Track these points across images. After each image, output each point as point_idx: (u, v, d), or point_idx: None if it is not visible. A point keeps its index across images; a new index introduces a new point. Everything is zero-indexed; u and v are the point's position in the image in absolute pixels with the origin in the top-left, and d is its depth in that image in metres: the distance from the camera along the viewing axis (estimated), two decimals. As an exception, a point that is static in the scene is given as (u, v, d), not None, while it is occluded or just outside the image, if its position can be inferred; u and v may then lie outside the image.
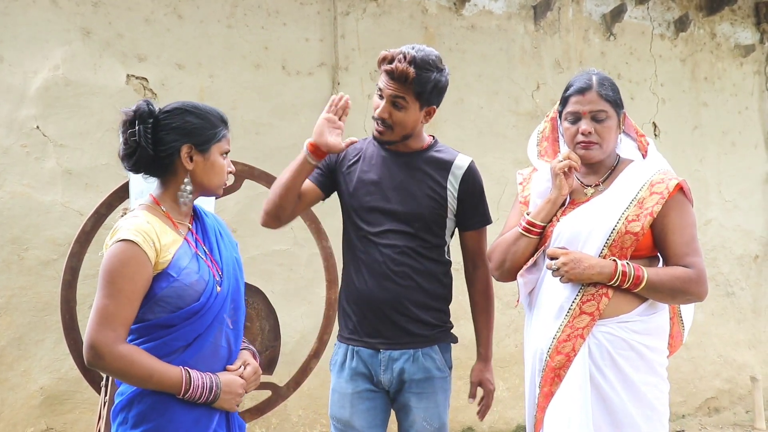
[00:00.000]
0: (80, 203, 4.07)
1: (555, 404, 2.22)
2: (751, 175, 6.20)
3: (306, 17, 4.70)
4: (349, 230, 2.55)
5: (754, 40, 6.25)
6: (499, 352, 5.15)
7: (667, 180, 2.26)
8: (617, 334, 2.19)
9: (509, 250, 2.40)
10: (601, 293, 2.21)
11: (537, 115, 5.36)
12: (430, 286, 2.49)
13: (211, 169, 2.03)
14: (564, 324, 2.23)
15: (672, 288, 2.18)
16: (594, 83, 2.31)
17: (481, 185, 2.58)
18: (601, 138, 2.30)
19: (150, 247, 1.87)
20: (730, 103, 6.15)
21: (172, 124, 1.98)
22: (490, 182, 5.11)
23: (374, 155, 2.54)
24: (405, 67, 2.34)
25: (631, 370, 2.18)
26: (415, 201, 2.45)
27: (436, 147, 2.56)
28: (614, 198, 2.28)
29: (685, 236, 2.22)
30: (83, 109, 4.14)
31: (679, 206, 2.24)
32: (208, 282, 1.97)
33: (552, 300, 2.30)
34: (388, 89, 2.38)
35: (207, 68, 4.43)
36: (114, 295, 1.82)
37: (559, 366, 2.22)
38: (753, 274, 6.16)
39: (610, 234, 2.22)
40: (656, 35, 5.85)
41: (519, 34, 5.35)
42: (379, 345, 2.45)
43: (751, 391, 5.80)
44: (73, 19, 4.14)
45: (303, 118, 4.62)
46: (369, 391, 2.48)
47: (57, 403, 4.03)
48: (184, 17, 4.38)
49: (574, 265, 2.20)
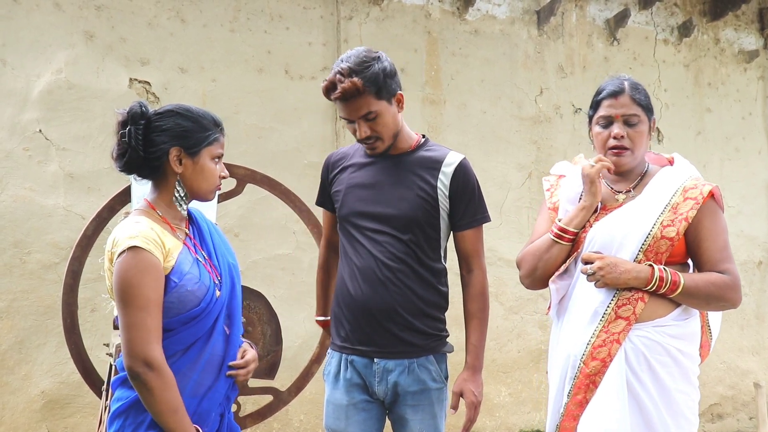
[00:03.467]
0: (82, 207, 4.07)
1: (591, 412, 2.18)
2: (754, 181, 6.17)
3: (309, 21, 4.70)
4: (342, 237, 2.51)
5: (758, 45, 6.24)
6: (502, 358, 5.14)
7: (700, 186, 2.25)
8: (653, 338, 2.17)
9: (541, 257, 2.35)
10: (637, 297, 2.19)
11: (540, 119, 5.36)
12: (425, 293, 2.42)
13: (200, 174, 2.01)
14: (599, 329, 2.21)
15: (708, 294, 2.17)
16: (627, 87, 2.30)
17: (474, 183, 2.46)
18: (633, 143, 2.28)
19: (159, 252, 1.86)
20: (734, 109, 6.13)
21: (162, 126, 1.97)
22: (492, 187, 5.14)
23: (362, 160, 2.50)
24: (349, 83, 2.26)
25: (666, 376, 2.16)
26: (406, 203, 2.39)
27: (426, 146, 2.49)
28: (648, 203, 2.26)
29: (719, 242, 2.22)
30: (86, 112, 4.13)
31: (712, 213, 2.23)
32: (208, 287, 1.96)
33: (585, 305, 2.27)
34: (353, 112, 2.32)
35: (209, 72, 4.43)
36: (145, 307, 1.81)
37: (594, 372, 2.19)
38: (757, 280, 6.14)
39: (646, 238, 2.20)
40: (660, 40, 5.84)
41: (522, 39, 5.35)
42: (372, 353, 2.39)
43: (754, 398, 5.76)
44: (76, 22, 4.14)
45: (305, 123, 4.61)
46: (365, 402, 2.43)
47: (58, 407, 4.02)
48: (187, 21, 4.38)
49: (611, 270, 2.17)
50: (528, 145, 5.33)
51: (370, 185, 2.43)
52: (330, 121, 4.67)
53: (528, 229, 5.24)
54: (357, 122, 2.34)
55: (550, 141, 5.36)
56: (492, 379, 5.09)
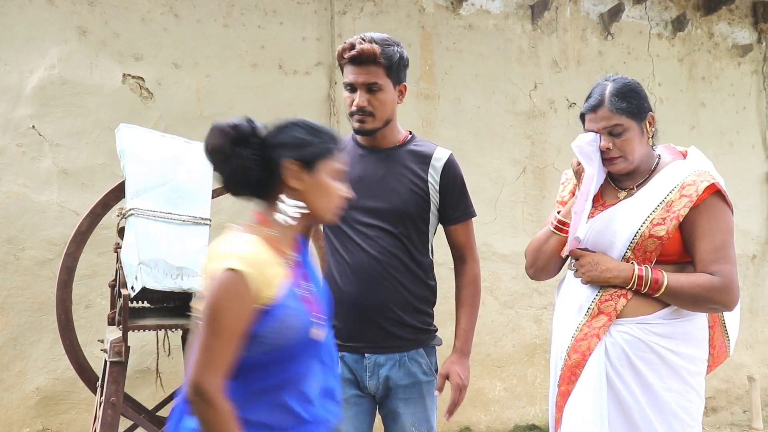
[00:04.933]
0: (76, 203, 4.06)
1: (570, 404, 2.21)
2: (748, 176, 6.19)
3: (303, 16, 4.69)
4: (328, 232, 2.50)
5: (751, 39, 6.25)
6: (497, 352, 5.15)
7: (698, 182, 2.18)
8: (634, 334, 2.16)
9: (540, 248, 2.40)
10: (619, 294, 2.20)
11: (534, 114, 5.36)
12: (415, 288, 2.45)
13: (319, 190, 1.82)
14: (582, 323, 2.23)
15: (693, 295, 2.13)
16: (606, 98, 2.24)
17: (462, 178, 2.50)
18: (623, 150, 2.24)
19: (258, 281, 1.69)
20: (728, 103, 6.14)
21: (278, 140, 1.83)
22: (487, 182, 5.15)
23: (351, 153, 2.46)
24: (369, 46, 2.31)
25: (650, 373, 2.15)
26: (398, 196, 2.40)
27: (414, 141, 2.51)
28: (643, 200, 2.24)
29: (714, 242, 2.15)
30: (79, 108, 4.12)
31: (710, 210, 2.16)
32: (311, 324, 1.81)
33: (573, 299, 2.30)
34: (360, 77, 2.35)
35: (203, 68, 4.41)
36: (219, 334, 1.66)
37: (575, 365, 2.21)
38: (750, 274, 6.16)
39: (634, 237, 2.19)
40: (654, 35, 5.84)
41: (516, 34, 5.35)
42: (363, 349, 2.41)
43: (748, 391, 5.80)
44: (69, 18, 4.12)
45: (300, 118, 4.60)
46: (356, 397, 2.44)
47: (53, 403, 4.02)
48: (180, 16, 4.37)
49: (591, 267, 2.21)
50: (522, 140, 5.33)
51: (361, 179, 2.41)
52: (325, 116, 4.66)
53: (522, 224, 5.24)
54: (359, 90, 2.35)
55: (545, 136, 5.36)
56: (487, 373, 5.10)
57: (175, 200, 3.13)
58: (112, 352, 2.97)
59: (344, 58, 2.36)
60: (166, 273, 2.94)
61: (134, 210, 3.01)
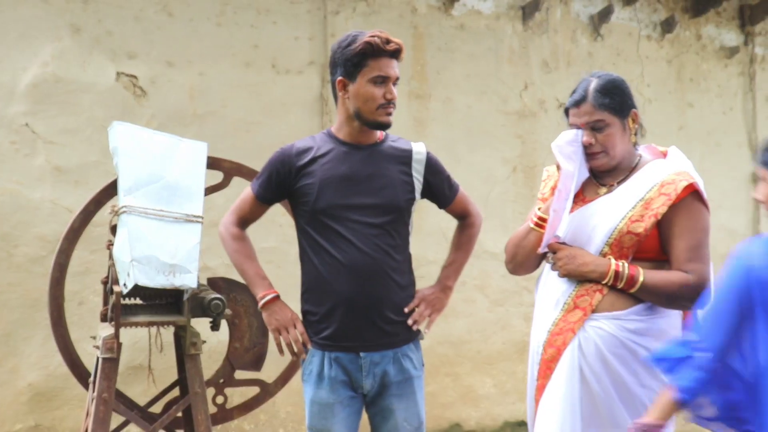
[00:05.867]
0: (69, 200, 4.08)
1: (545, 397, 2.25)
2: (735, 175, 6.25)
3: (296, 16, 4.72)
4: (311, 232, 2.45)
5: (738, 42, 6.31)
6: (487, 349, 5.20)
7: (678, 181, 2.21)
8: (608, 329, 2.18)
9: (519, 244, 2.43)
10: (595, 289, 2.22)
11: (525, 114, 5.41)
12: (404, 282, 2.49)
13: None
14: (558, 317, 2.26)
15: (667, 293, 2.17)
16: (589, 93, 2.27)
17: (441, 163, 2.61)
18: (605, 146, 2.28)
19: None
20: (715, 104, 6.21)
21: None
22: (478, 181, 5.19)
23: (333, 151, 2.46)
24: (401, 43, 2.37)
25: (624, 369, 2.17)
26: (389, 192, 2.43)
27: (389, 138, 2.54)
28: (622, 197, 2.27)
29: (690, 241, 2.18)
30: (73, 106, 4.14)
31: (688, 210, 2.20)
32: None
33: (551, 294, 2.33)
34: (394, 71, 2.38)
35: (197, 66, 4.44)
36: None
37: (550, 359, 2.24)
38: (737, 273, 6.22)
39: (611, 233, 2.22)
40: (643, 36, 5.90)
41: (507, 34, 5.39)
42: (359, 348, 2.41)
43: (734, 389, 5.86)
44: (62, 15, 4.14)
45: (293, 117, 4.64)
46: (349, 398, 2.44)
47: (45, 399, 4.04)
48: (174, 15, 4.39)
49: (568, 261, 2.24)
50: (513, 140, 5.38)
51: (350, 176, 2.42)
52: (317, 116, 4.69)
53: (512, 222, 5.28)
54: (391, 83, 2.38)
55: (535, 135, 5.41)
56: (476, 370, 5.15)
57: (167, 198, 3.15)
58: (104, 348, 2.99)
59: (383, 50, 2.32)
60: (158, 270, 2.96)
61: (127, 207, 3.04)
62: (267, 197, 2.55)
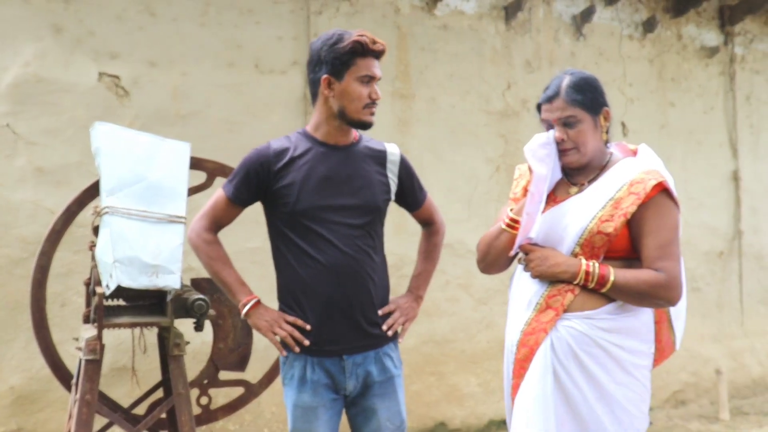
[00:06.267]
0: (51, 201, 4.05)
1: (519, 396, 2.27)
2: (716, 174, 6.33)
3: (279, 16, 4.71)
4: (290, 234, 2.41)
5: (718, 42, 6.38)
6: (471, 348, 5.22)
7: (647, 180, 2.21)
8: (580, 329, 2.20)
9: (492, 244, 2.44)
10: (567, 289, 2.23)
11: (508, 114, 5.43)
12: (382, 283, 2.50)
13: None
14: (531, 317, 2.27)
15: (638, 291, 2.18)
16: (562, 89, 2.30)
17: (412, 166, 2.64)
18: (576, 143, 2.29)
19: None
20: (696, 103, 6.27)
21: None
22: (461, 180, 5.21)
23: (311, 151, 2.43)
24: (383, 43, 2.38)
25: (596, 367, 2.18)
26: (368, 192, 2.44)
27: (363, 138, 2.54)
28: (592, 197, 2.28)
29: (659, 239, 2.19)
30: (54, 106, 4.11)
31: (658, 208, 2.21)
32: None
33: (523, 293, 2.35)
34: (378, 71, 2.39)
35: (179, 66, 4.42)
36: None
37: (523, 358, 2.26)
38: (718, 270, 6.29)
39: (582, 233, 2.23)
40: (625, 36, 5.94)
41: (490, 34, 5.41)
42: (341, 351, 2.40)
43: (716, 384, 5.93)
44: (44, 15, 4.11)
45: (276, 117, 4.63)
46: (332, 401, 2.43)
47: (28, 402, 4.01)
48: (156, 15, 4.38)
49: (540, 262, 2.26)
50: (496, 139, 5.40)
51: (330, 177, 2.40)
52: (300, 115, 4.69)
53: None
54: (374, 83, 2.40)
55: (518, 135, 5.43)
56: (461, 369, 5.17)
57: (150, 198, 3.13)
58: (87, 350, 2.97)
59: (371, 49, 2.34)
60: (141, 271, 2.95)
61: (109, 208, 3.02)
62: (242, 199, 2.47)
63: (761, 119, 6.62)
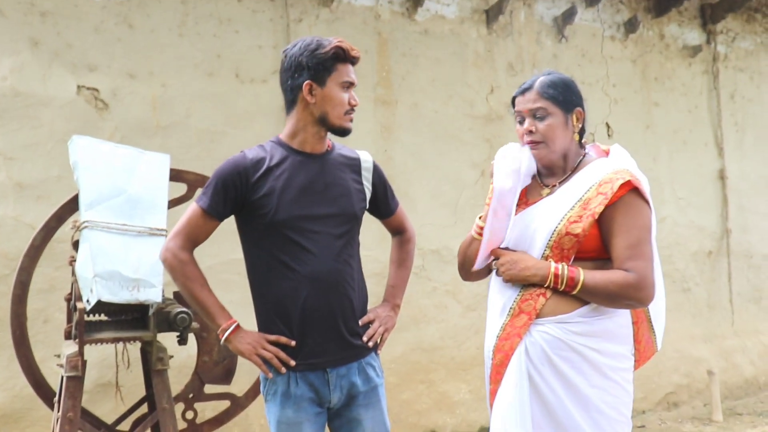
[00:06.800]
0: (32, 216, 4.00)
1: (496, 402, 2.25)
2: (702, 173, 6.34)
3: (258, 24, 4.69)
4: (271, 248, 2.35)
5: (701, 40, 6.40)
6: (461, 355, 5.19)
7: (614, 179, 2.19)
8: (554, 333, 2.18)
9: (465, 252, 2.45)
10: (538, 293, 2.21)
11: (492, 117, 5.42)
12: (361, 293, 2.47)
13: None
14: (506, 323, 2.26)
15: (608, 292, 2.15)
16: (537, 83, 2.32)
17: (384, 174, 2.64)
18: (545, 136, 2.28)
19: None
20: (681, 103, 6.28)
21: None
22: (446, 185, 5.19)
23: (288, 160, 2.38)
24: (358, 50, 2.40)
25: (571, 371, 2.16)
26: (346, 200, 2.41)
27: (336, 146, 2.52)
28: (562, 198, 2.26)
29: (629, 239, 2.16)
30: (33, 120, 4.06)
31: (627, 207, 2.18)
32: None
33: (498, 299, 2.33)
34: (355, 76, 2.39)
35: (159, 77, 4.39)
36: None
37: (499, 364, 2.25)
38: (707, 270, 6.29)
39: (551, 235, 2.22)
40: (607, 37, 5.95)
41: (472, 38, 5.40)
42: (325, 364, 2.35)
43: (708, 385, 5.92)
44: (20, 29, 4.07)
45: (257, 126, 4.60)
46: (315, 414, 2.39)
47: (12, 420, 3.95)
48: (134, 26, 4.34)
49: (511, 266, 2.24)
50: (481, 143, 5.38)
51: (308, 186, 2.37)
52: (282, 124, 4.62)
53: (483, 226, 5.29)
54: (352, 90, 2.39)
55: (503, 138, 5.41)
56: (451, 376, 5.13)
57: (129, 211, 3.11)
58: (69, 366, 2.93)
59: (350, 56, 2.36)
60: (121, 285, 2.92)
61: (88, 222, 2.99)
62: (219, 212, 2.36)
63: (746, 117, 6.64)
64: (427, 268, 5.11)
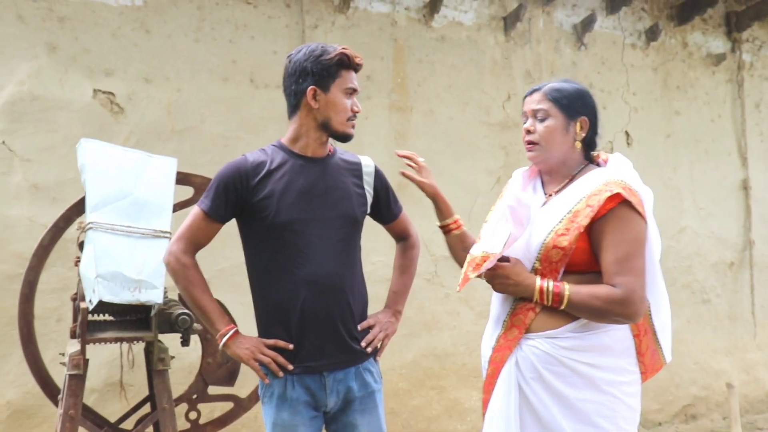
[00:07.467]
0: (46, 218, 4.07)
1: (488, 412, 2.25)
2: (725, 183, 6.22)
3: (274, 30, 4.73)
4: (271, 252, 2.37)
5: (725, 49, 6.29)
6: (472, 362, 5.16)
7: (603, 191, 2.14)
8: (543, 348, 2.15)
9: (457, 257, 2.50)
10: (528, 308, 2.19)
11: (508, 125, 5.39)
12: (361, 297, 2.48)
13: None
14: (500, 334, 2.25)
15: (593, 308, 2.10)
16: (546, 86, 2.31)
17: (386, 179, 2.65)
18: (542, 137, 2.26)
19: None
20: (703, 112, 6.18)
21: None
22: (461, 192, 5.17)
23: (288, 163, 2.41)
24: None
25: (563, 385, 2.13)
26: (348, 204, 2.43)
27: (338, 151, 2.54)
28: (554, 209, 2.22)
29: (617, 253, 2.10)
30: (50, 123, 4.15)
31: (617, 221, 2.12)
32: None
33: (495, 310, 2.33)
34: (357, 83, 2.42)
35: (174, 82, 4.45)
36: None
37: (492, 374, 2.23)
38: (728, 281, 6.18)
39: (540, 247, 2.18)
40: (627, 45, 5.88)
41: (489, 45, 5.39)
42: (322, 368, 2.36)
43: (727, 398, 5.79)
44: (38, 34, 4.16)
45: (271, 131, 4.64)
46: (311, 418, 2.39)
47: (24, 417, 4.03)
48: (151, 31, 4.41)
49: (501, 281, 2.22)
50: (496, 151, 5.36)
51: (309, 189, 2.38)
52: (295, 129, 4.68)
53: (497, 233, 5.26)
54: (355, 96, 2.43)
55: (519, 146, 5.38)
56: (462, 383, 5.11)
57: (135, 214, 3.16)
58: (71, 365, 2.99)
59: (354, 63, 2.39)
60: (123, 286, 2.96)
61: (93, 223, 3.05)
62: (221, 214, 2.39)
63: (772, 127, 6.52)
64: (440, 275, 5.10)
